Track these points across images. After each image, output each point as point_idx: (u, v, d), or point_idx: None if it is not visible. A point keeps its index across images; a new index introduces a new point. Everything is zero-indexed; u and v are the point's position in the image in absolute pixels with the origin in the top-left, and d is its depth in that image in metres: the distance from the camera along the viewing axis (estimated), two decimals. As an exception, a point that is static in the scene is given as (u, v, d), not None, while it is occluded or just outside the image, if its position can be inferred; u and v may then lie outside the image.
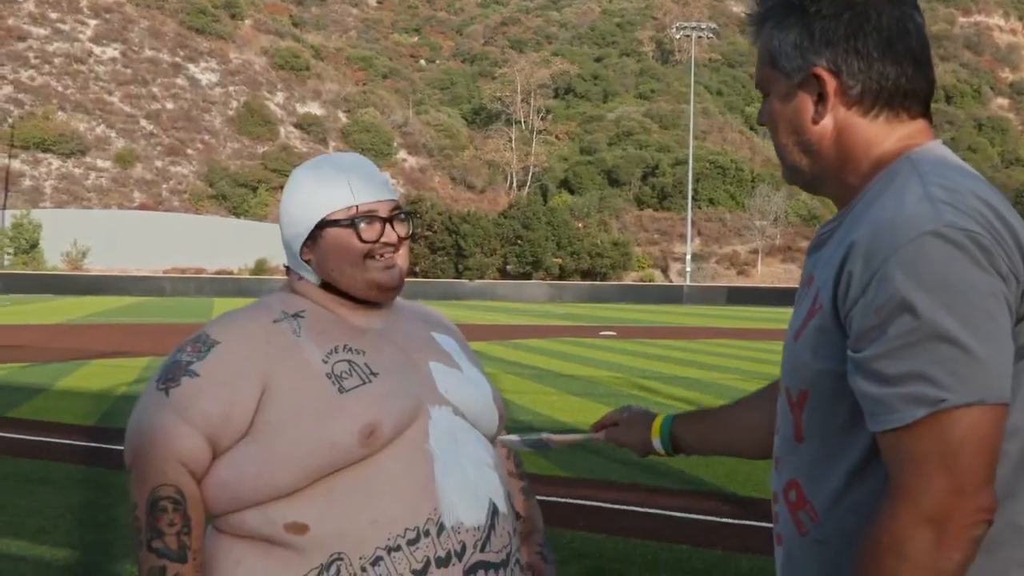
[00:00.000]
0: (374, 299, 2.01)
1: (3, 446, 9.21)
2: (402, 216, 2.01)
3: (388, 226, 1.98)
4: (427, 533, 1.83)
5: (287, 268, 2.07)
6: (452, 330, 2.22)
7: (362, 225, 1.95)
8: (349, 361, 1.91)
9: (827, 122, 1.53)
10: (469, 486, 1.90)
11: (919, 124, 1.54)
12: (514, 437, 2.14)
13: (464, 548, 1.85)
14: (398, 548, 1.81)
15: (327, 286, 2.01)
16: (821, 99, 1.53)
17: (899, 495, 1.33)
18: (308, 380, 1.86)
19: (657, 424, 2.07)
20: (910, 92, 1.52)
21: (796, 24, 1.53)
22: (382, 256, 1.97)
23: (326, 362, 1.89)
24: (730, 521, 6.77)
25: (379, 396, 1.87)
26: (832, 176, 1.57)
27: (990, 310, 1.32)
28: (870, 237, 1.38)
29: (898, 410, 1.33)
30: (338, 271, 1.97)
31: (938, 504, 1.30)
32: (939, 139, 1.56)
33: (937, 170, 1.44)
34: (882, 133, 1.52)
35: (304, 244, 1.99)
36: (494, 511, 1.92)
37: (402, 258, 2.01)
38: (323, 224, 1.96)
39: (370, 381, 1.89)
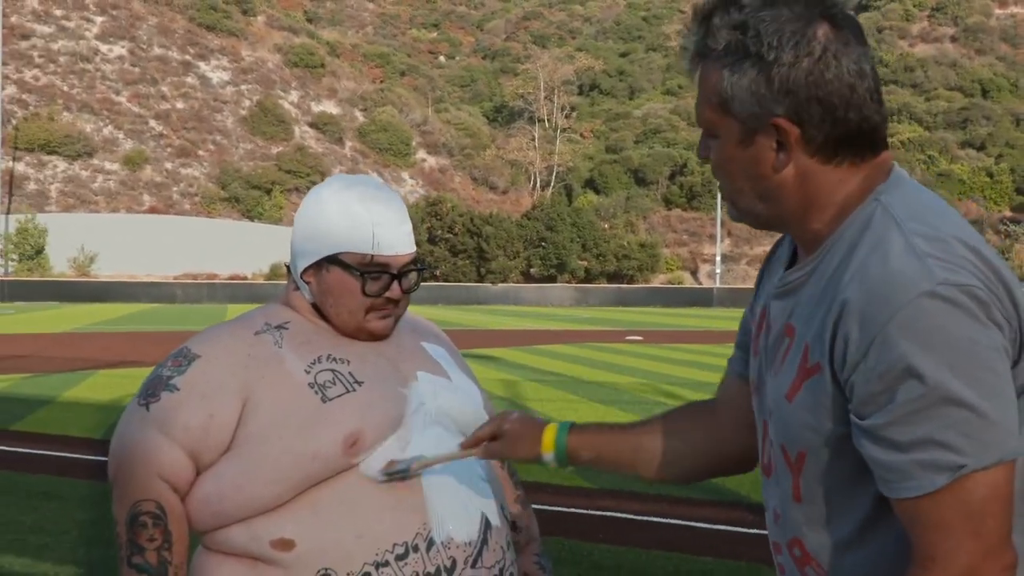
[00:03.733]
0: (361, 340, 2.01)
1: (7, 460, 8.93)
2: (413, 271, 2.03)
3: (395, 282, 1.98)
4: (416, 548, 1.82)
5: (288, 269, 2.08)
6: (443, 339, 2.22)
7: (370, 279, 1.96)
8: (333, 370, 1.91)
9: (788, 171, 1.48)
10: (460, 500, 1.90)
11: (882, 157, 1.52)
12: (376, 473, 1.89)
13: (455, 564, 1.84)
14: (386, 564, 1.80)
15: (318, 308, 2.02)
16: (781, 147, 1.48)
17: (928, 563, 1.34)
18: (290, 391, 1.87)
19: (551, 435, 1.88)
20: (871, 133, 1.49)
21: (751, 69, 1.46)
22: (381, 308, 1.98)
23: (308, 372, 1.90)
24: (755, 532, 6.57)
25: (363, 404, 1.87)
26: (793, 221, 1.54)
27: (994, 366, 1.33)
28: (863, 298, 1.36)
29: (916, 477, 1.33)
30: (334, 310, 1.98)
31: (970, 568, 1.31)
32: (896, 164, 1.55)
33: (913, 214, 1.42)
34: (846, 176, 1.49)
35: (309, 267, 1.99)
36: (487, 525, 1.92)
37: (401, 308, 2.04)
38: (334, 259, 1.96)
39: (354, 390, 1.89)
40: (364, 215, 1.95)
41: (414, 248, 2.02)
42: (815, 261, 1.49)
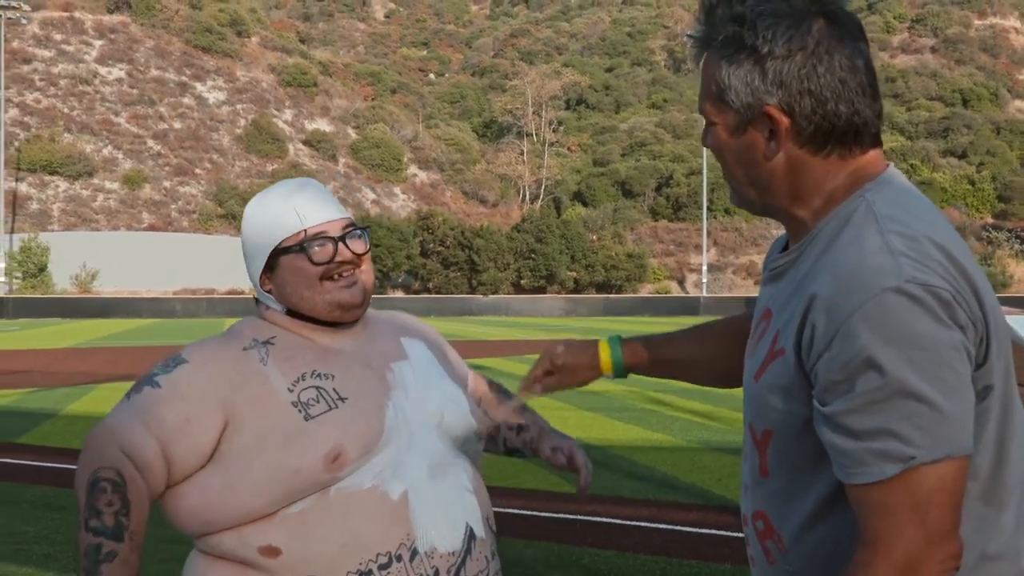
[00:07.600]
0: (337, 319, 2.02)
1: (12, 472, 9.10)
2: (356, 233, 2.04)
3: (341, 244, 2.01)
4: (399, 558, 1.84)
5: (256, 299, 2.12)
6: (428, 337, 2.22)
7: (313, 248, 1.99)
8: (317, 387, 1.92)
9: (779, 159, 1.51)
10: (445, 511, 1.91)
11: (871, 155, 1.53)
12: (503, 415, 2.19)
13: (437, 574, 1.87)
14: (369, 573, 1.82)
15: (292, 312, 2.03)
16: (772, 136, 1.50)
17: (872, 546, 1.36)
18: (273, 409, 1.89)
19: (607, 357, 2.03)
20: (861, 127, 1.50)
21: (746, 61, 1.49)
22: (341, 276, 2.00)
23: (292, 390, 1.91)
24: (739, 535, 6.93)
25: (345, 421, 1.88)
26: (781, 209, 1.56)
27: (953, 364, 1.33)
28: (832, 289, 1.37)
29: (868, 464, 1.35)
30: (297, 296, 2.00)
31: (911, 554, 1.33)
32: (891, 164, 1.55)
33: (894, 214, 1.43)
34: (834, 169, 1.50)
35: (263, 275, 2.04)
36: (471, 536, 1.93)
37: (365, 274, 2.04)
38: (276, 253, 2.01)
39: (337, 407, 1.90)
40: (282, 202, 2.02)
41: (347, 214, 2.06)
42: (799, 250, 1.54)
